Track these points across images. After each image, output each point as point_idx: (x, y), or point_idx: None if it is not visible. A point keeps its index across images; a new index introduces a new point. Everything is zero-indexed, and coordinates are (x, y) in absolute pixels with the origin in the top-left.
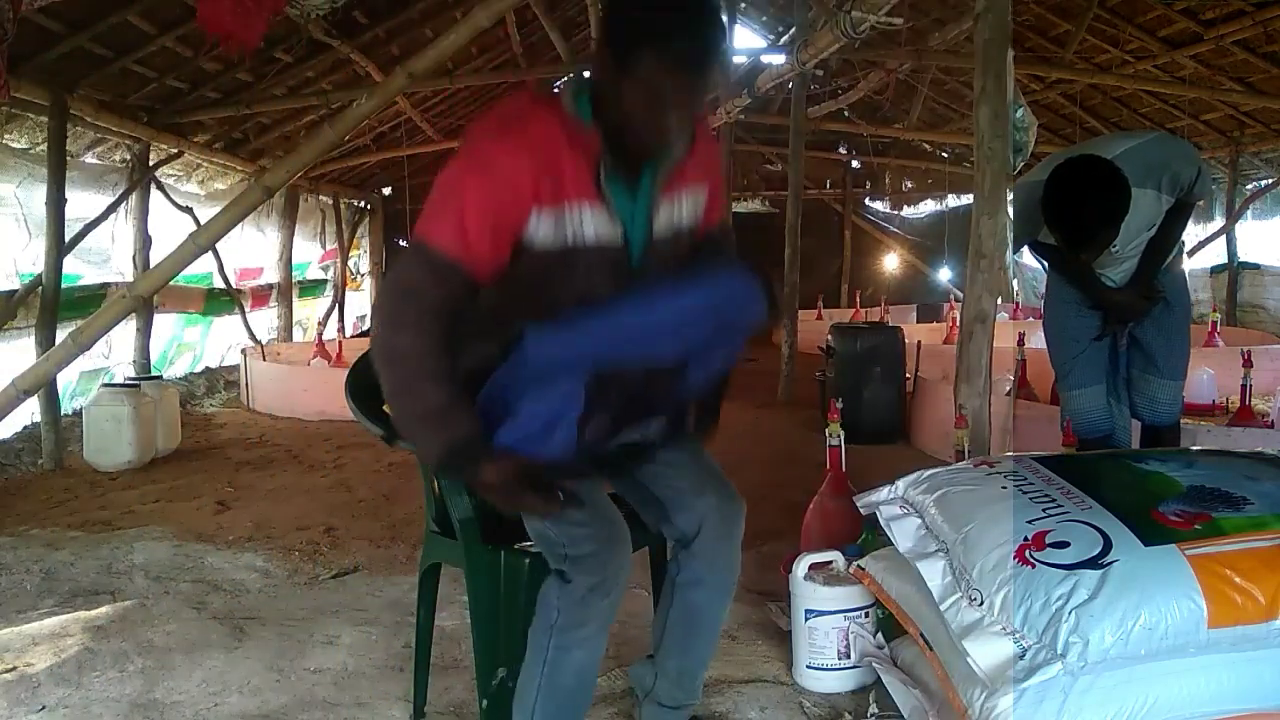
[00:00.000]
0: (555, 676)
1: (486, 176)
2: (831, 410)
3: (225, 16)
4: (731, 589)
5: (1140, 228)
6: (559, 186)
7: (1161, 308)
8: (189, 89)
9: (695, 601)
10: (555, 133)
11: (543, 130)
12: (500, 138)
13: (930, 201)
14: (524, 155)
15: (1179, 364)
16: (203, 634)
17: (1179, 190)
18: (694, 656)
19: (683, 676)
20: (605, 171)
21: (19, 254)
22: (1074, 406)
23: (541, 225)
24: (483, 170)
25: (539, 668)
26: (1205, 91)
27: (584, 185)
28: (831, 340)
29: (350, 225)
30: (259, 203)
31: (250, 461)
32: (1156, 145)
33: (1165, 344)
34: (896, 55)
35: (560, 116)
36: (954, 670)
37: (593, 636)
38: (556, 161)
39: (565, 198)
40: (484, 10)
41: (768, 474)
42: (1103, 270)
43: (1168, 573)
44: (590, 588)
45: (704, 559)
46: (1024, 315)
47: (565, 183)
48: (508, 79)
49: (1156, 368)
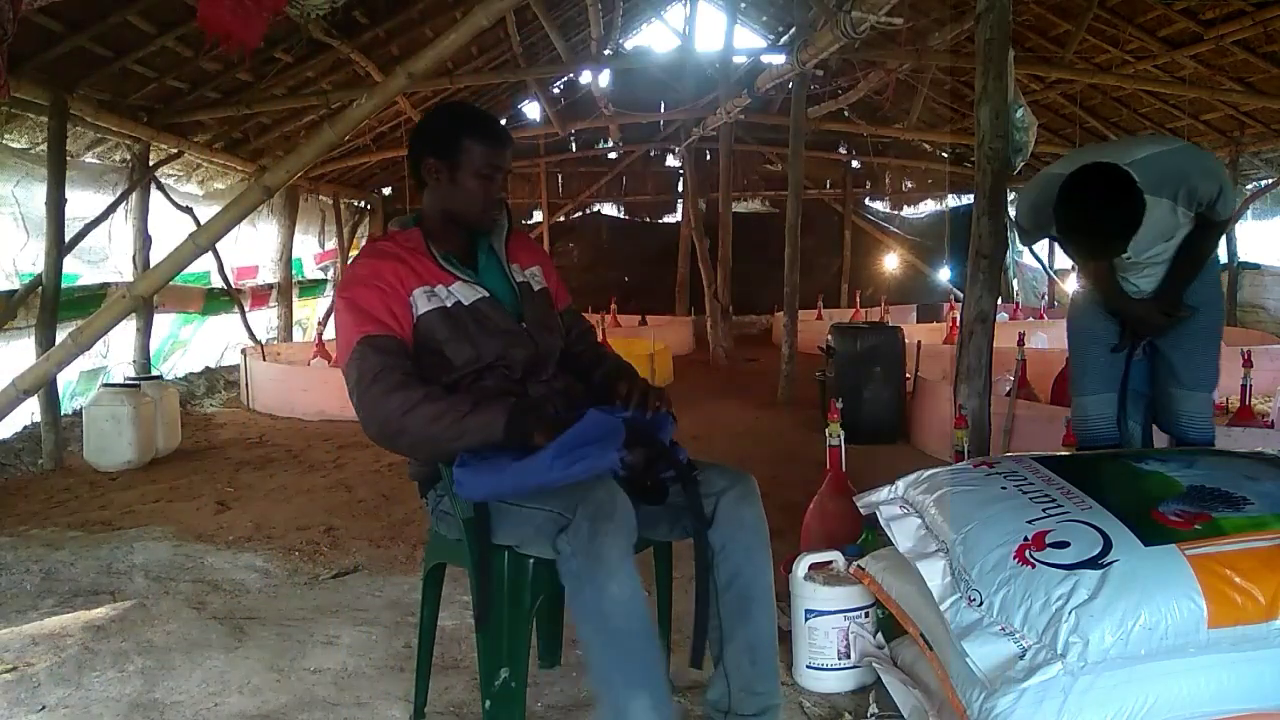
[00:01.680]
0: (607, 623)
1: (366, 285)
2: (831, 410)
3: (225, 16)
4: (766, 548)
5: (1153, 238)
6: (418, 275)
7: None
8: (189, 89)
9: (738, 567)
10: (391, 246)
11: (382, 247)
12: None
13: (930, 201)
14: (379, 262)
15: (1202, 375)
16: (203, 634)
17: (1198, 205)
18: (759, 629)
19: (756, 653)
20: (440, 255)
21: (18, 254)
22: (1079, 412)
23: (419, 301)
24: (361, 283)
25: (590, 624)
26: (1205, 91)
27: (434, 271)
28: (831, 340)
29: (350, 225)
30: (259, 203)
31: (250, 461)
32: (1179, 155)
33: (1185, 354)
34: (896, 55)
35: (391, 237)
36: (954, 670)
37: (618, 568)
38: (405, 261)
39: (426, 282)
40: (484, 10)
41: (768, 474)
42: (1124, 276)
43: (1168, 573)
44: (591, 518)
45: (730, 524)
46: (1024, 315)
47: (421, 273)
48: (508, 79)
49: (1177, 378)
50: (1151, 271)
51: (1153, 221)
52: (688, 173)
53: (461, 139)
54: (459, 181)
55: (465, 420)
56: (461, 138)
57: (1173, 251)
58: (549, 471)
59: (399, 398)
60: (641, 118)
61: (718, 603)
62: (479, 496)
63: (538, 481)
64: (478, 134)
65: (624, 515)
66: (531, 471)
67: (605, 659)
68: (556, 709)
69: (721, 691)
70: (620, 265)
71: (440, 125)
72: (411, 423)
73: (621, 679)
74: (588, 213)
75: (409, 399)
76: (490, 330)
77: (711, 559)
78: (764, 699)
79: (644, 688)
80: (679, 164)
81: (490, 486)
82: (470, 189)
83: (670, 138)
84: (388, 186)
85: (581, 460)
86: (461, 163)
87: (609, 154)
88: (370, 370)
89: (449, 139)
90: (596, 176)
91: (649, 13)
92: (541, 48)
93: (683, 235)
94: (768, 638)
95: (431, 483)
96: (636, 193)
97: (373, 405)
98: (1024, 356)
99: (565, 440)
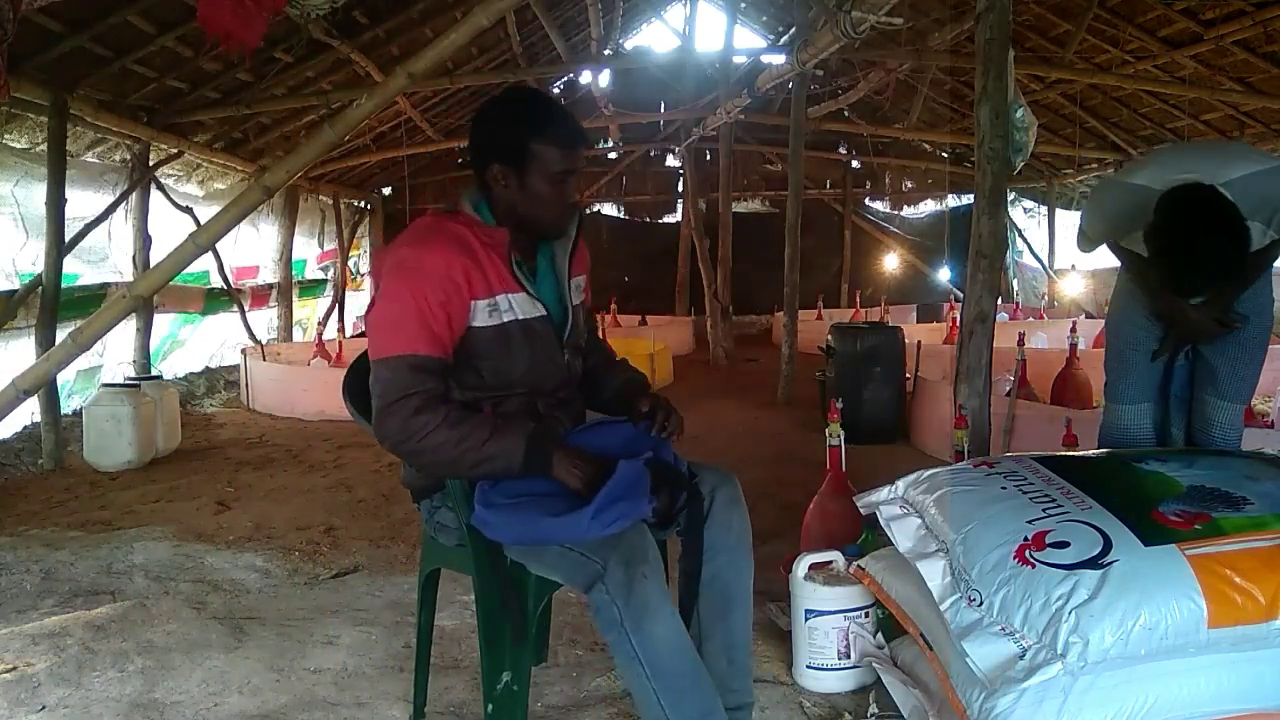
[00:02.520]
0: (657, 666)
1: (426, 280)
2: (831, 410)
3: (225, 16)
4: (749, 551)
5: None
6: (487, 281)
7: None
8: (189, 89)
9: (719, 569)
10: (468, 236)
11: (459, 235)
12: (425, 247)
13: (930, 201)
14: (451, 255)
15: (1242, 386)
16: (203, 634)
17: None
18: (735, 631)
19: (733, 652)
20: (515, 261)
21: (17, 254)
22: (1113, 420)
23: (479, 312)
24: (421, 276)
25: (639, 670)
26: (1205, 91)
27: (505, 278)
28: (831, 340)
29: (350, 225)
30: (259, 203)
31: (250, 461)
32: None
33: (1230, 362)
34: (896, 55)
35: (468, 222)
36: (954, 670)
37: (659, 608)
38: (477, 259)
39: (493, 291)
40: (484, 10)
41: (768, 474)
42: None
43: (1168, 573)
44: (626, 562)
45: (720, 526)
46: (1024, 315)
47: (490, 278)
48: (508, 79)
49: (1216, 387)
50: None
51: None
52: (688, 173)
53: (530, 143)
54: (529, 187)
55: (484, 447)
56: (530, 141)
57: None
58: (586, 533)
59: (420, 421)
60: (641, 118)
61: (696, 598)
62: (502, 540)
63: (573, 540)
64: (548, 135)
65: (657, 555)
66: (567, 530)
67: (662, 705)
68: (556, 709)
69: None
70: (620, 265)
71: (506, 126)
72: (429, 446)
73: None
74: (588, 213)
75: (429, 421)
76: (538, 356)
77: (701, 556)
78: (738, 696)
79: None
80: (679, 164)
81: (519, 536)
82: (543, 194)
83: (670, 138)
84: (388, 186)
85: (618, 520)
86: (532, 168)
87: (609, 154)
88: (400, 389)
89: (516, 142)
90: (596, 176)
91: (649, 13)
92: (541, 48)
93: (683, 235)
94: (744, 637)
95: (427, 492)
96: (636, 193)
97: (392, 424)
98: (1024, 356)
99: (601, 500)
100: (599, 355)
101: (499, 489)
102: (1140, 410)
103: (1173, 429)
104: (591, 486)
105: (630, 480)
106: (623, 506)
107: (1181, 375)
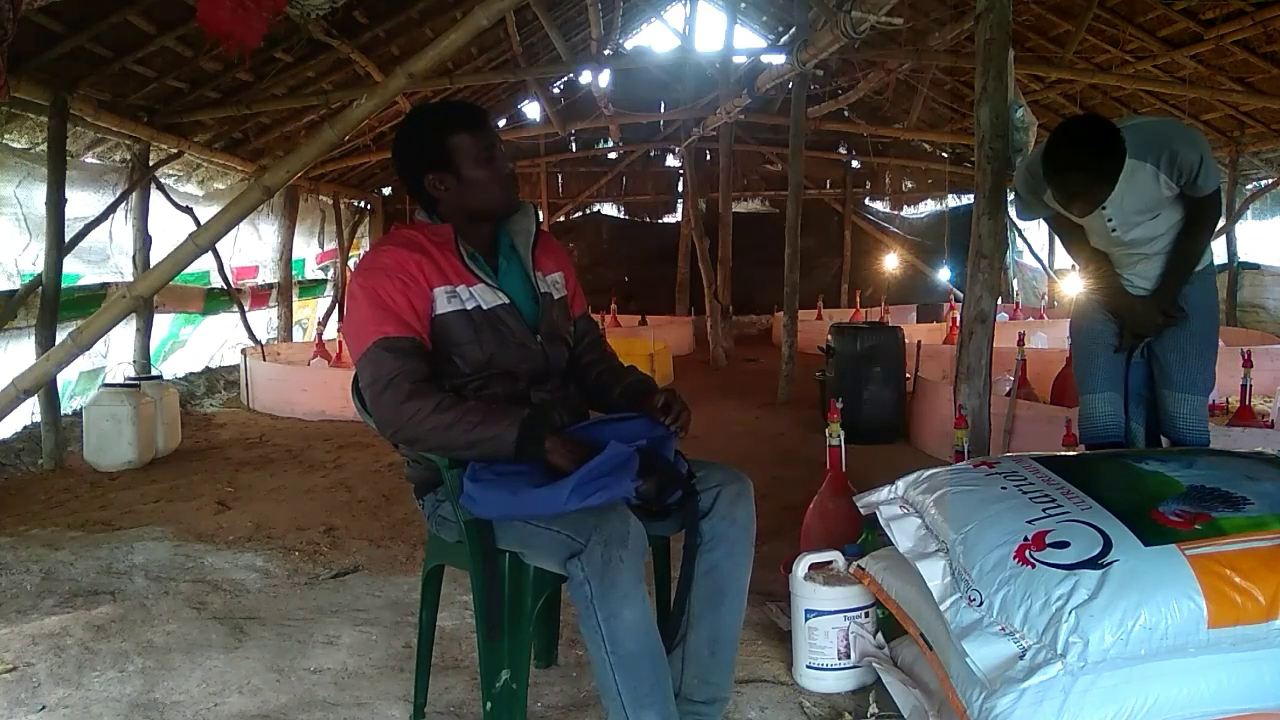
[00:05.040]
0: (618, 648)
1: (388, 276)
2: (831, 410)
3: (225, 16)
4: (750, 548)
5: (1137, 207)
6: (443, 273)
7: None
8: (189, 89)
9: (718, 560)
10: (419, 237)
11: (410, 237)
12: (378, 251)
13: (930, 201)
14: (404, 252)
15: (1196, 377)
16: (203, 634)
17: (1180, 176)
18: (724, 624)
19: (717, 645)
20: (466, 253)
21: (18, 254)
22: (1086, 410)
23: (439, 299)
24: (385, 273)
25: (601, 648)
26: (1205, 91)
27: (460, 271)
28: (831, 340)
29: (350, 225)
30: (259, 203)
31: (250, 461)
32: (1164, 124)
33: (1179, 356)
34: (896, 55)
35: (419, 227)
36: (954, 670)
37: (631, 592)
38: (430, 255)
39: (449, 281)
40: (484, 10)
41: (768, 474)
42: (1122, 272)
43: (1168, 573)
44: (605, 544)
45: (724, 517)
46: (1024, 315)
47: (446, 271)
48: (508, 79)
49: (1170, 379)
50: (1146, 267)
51: (1136, 185)
52: (688, 173)
53: (445, 140)
54: (466, 178)
55: (476, 430)
56: (444, 139)
57: (1167, 243)
58: (565, 504)
59: (412, 407)
60: (641, 118)
61: (691, 583)
62: (488, 515)
63: (553, 511)
64: (454, 126)
65: (637, 541)
66: (548, 501)
67: (615, 680)
68: (556, 709)
69: (675, 672)
70: (620, 265)
71: (419, 140)
72: (423, 430)
73: (631, 698)
74: (588, 213)
75: (422, 408)
76: (505, 339)
77: (698, 543)
78: (715, 689)
79: (652, 707)
80: (679, 164)
81: (501, 508)
82: (480, 178)
83: (670, 138)
84: (388, 186)
85: (598, 492)
86: (459, 160)
87: (609, 154)
88: (385, 375)
89: (433, 147)
90: (596, 176)
91: (649, 13)
92: (541, 48)
93: (683, 235)
94: (732, 633)
95: (429, 487)
96: (636, 193)
97: (386, 410)
98: (1024, 356)
99: (584, 474)
100: (601, 359)
101: (490, 467)
102: (1109, 398)
103: (1132, 423)
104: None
105: (617, 461)
106: (605, 482)
107: (1138, 373)
